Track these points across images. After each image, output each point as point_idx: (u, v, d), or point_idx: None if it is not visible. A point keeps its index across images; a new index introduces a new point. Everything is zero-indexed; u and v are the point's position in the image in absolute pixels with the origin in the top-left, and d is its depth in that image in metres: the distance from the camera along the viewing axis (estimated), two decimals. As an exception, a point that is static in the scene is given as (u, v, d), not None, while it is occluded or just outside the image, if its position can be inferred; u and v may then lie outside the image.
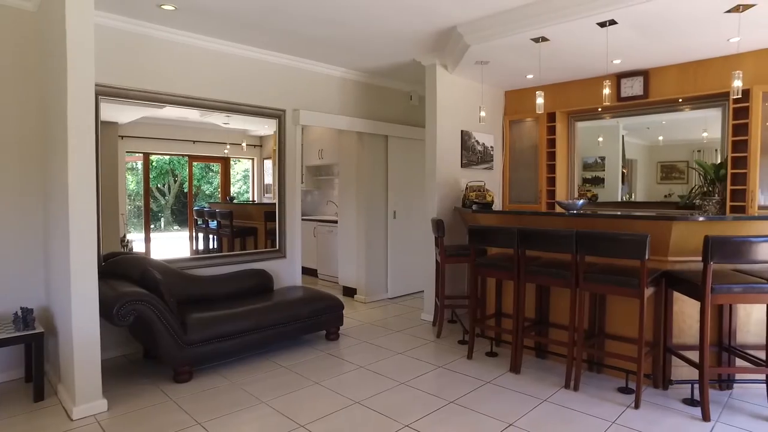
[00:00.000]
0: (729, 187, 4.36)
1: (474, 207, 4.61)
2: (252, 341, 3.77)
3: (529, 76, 5.22)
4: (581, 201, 3.92)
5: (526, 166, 5.79)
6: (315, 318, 4.21)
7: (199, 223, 4.80)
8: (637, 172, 5.71)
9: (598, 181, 5.80)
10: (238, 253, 4.72)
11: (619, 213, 4.28)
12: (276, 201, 4.97)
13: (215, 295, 4.17)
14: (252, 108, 4.68)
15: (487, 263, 3.78)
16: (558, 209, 5.12)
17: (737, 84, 3.32)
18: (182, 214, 4.93)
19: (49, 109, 3.29)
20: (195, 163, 4.98)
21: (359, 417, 2.93)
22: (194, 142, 4.74)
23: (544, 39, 3.98)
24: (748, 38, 3.96)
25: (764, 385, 3.02)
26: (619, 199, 5.63)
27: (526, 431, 2.74)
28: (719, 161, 4.63)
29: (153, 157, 4.67)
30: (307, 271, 7.41)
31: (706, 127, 4.98)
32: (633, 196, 5.67)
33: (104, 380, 3.12)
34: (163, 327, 3.27)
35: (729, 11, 3.39)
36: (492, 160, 5.73)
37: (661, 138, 5.62)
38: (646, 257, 2.89)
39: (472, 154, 5.42)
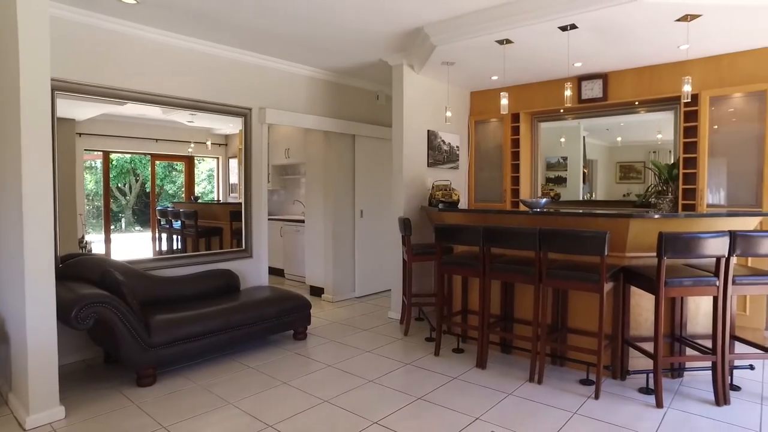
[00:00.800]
0: (681, 187, 4.58)
1: (440, 206, 4.68)
2: (218, 342, 3.72)
3: (494, 78, 5.33)
4: (544, 200, 4.04)
5: (491, 166, 5.91)
6: (282, 318, 4.18)
7: (162, 223, 4.69)
8: (597, 172, 5.90)
9: (561, 181, 5.97)
10: (203, 254, 4.64)
11: (581, 211, 4.43)
12: (242, 200, 4.90)
13: (180, 296, 4.08)
14: (217, 106, 4.60)
15: (453, 261, 3.85)
16: (522, 208, 5.26)
17: (687, 89, 3.49)
18: (144, 214, 4.81)
19: (1, 104, 3.15)
20: (158, 162, 4.86)
21: (328, 416, 2.94)
22: (157, 140, 4.63)
23: (508, 41, 4.07)
24: (696, 46, 4.17)
25: (710, 372, 3.18)
26: (581, 198, 5.81)
27: (493, 424, 2.81)
28: (672, 162, 4.85)
29: (113, 156, 4.53)
30: (274, 271, 7.34)
31: (660, 129, 5.20)
32: (594, 195, 5.85)
33: (62, 387, 3.02)
34: (125, 329, 3.18)
35: (679, 20, 3.57)
36: (458, 160, 5.82)
37: (619, 139, 5.81)
38: (606, 254, 3.00)
39: (438, 154, 5.50)
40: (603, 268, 3.03)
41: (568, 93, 3.81)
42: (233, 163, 5.07)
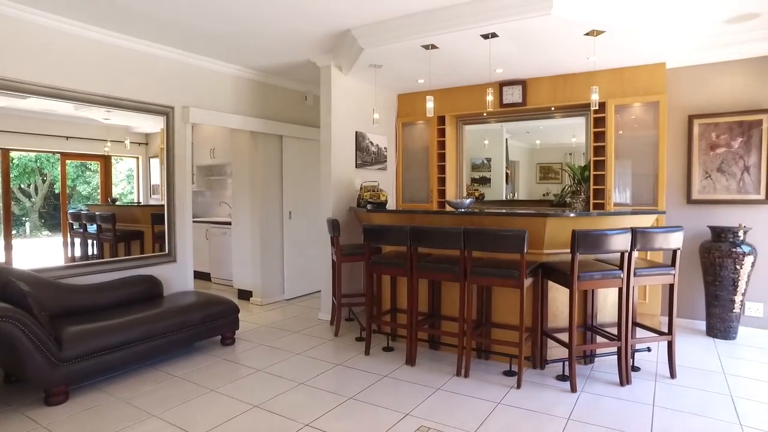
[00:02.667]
0: (592, 187, 4.95)
1: (368, 206, 4.74)
2: (140, 352, 3.54)
3: (421, 81, 5.47)
4: (469, 200, 4.21)
5: (418, 167, 6.06)
6: (209, 323, 4.05)
7: (75, 227, 4.37)
8: (519, 173, 6.22)
9: (485, 181, 6.23)
10: (122, 259, 4.39)
11: (503, 211, 4.66)
12: (164, 202, 4.69)
13: (97, 306, 3.84)
14: (135, 104, 4.37)
15: (381, 261, 3.92)
16: (448, 208, 5.44)
17: (594, 97, 3.79)
18: (54, 217, 4.45)
19: None
20: (69, 161, 4.52)
21: (259, 420, 2.90)
22: (67, 138, 4.30)
23: (433, 46, 4.20)
24: (603, 59, 4.53)
25: (616, 357, 3.48)
26: (504, 198, 6.10)
27: (422, 419, 2.90)
28: (584, 164, 5.22)
29: (14, 154, 4.16)
30: (200, 276, 7.07)
31: (574, 133, 5.58)
32: (516, 195, 6.17)
33: (-41, 408, 2.75)
34: (31, 345, 2.94)
35: (587, 34, 3.86)
36: (386, 161, 5.91)
37: (538, 142, 6.19)
38: (525, 251, 3.19)
39: (366, 155, 5.55)
40: (523, 265, 3.22)
41: (489, 98, 4.00)
42: (155, 163, 4.83)
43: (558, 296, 3.68)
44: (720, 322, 4.39)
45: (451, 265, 3.57)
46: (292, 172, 6.09)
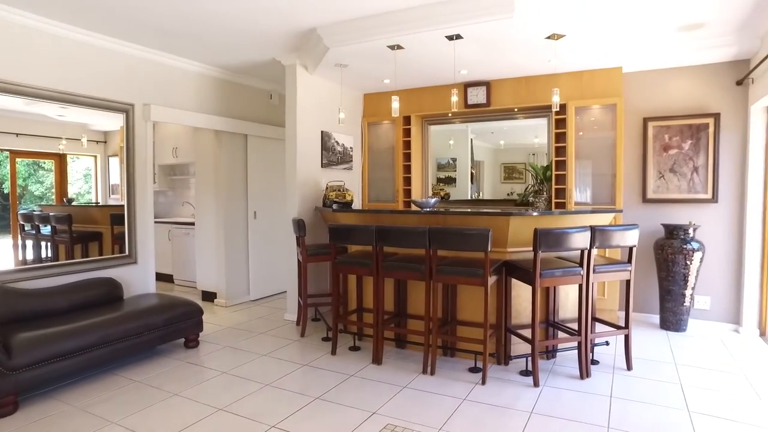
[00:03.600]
0: (554, 186, 5.09)
1: (334, 206, 4.73)
2: (98, 357, 3.42)
3: (386, 81, 5.49)
4: (434, 199, 4.26)
5: (384, 167, 6.08)
6: (171, 326, 3.96)
7: (27, 228, 4.18)
8: (484, 173, 6.32)
9: (451, 181, 6.30)
10: (79, 261, 4.23)
11: (468, 210, 4.73)
12: (124, 202, 4.55)
13: (53, 310, 3.68)
14: (94, 100, 4.22)
15: (347, 261, 3.92)
16: (414, 208, 5.48)
17: (555, 99, 3.90)
18: (3, 218, 4.25)
19: None
20: (19, 159, 4.32)
21: (224, 423, 2.85)
22: (18, 134, 4.12)
23: (399, 47, 4.22)
24: (563, 62, 4.67)
25: (576, 351, 3.59)
26: (469, 197, 6.18)
27: (388, 417, 2.91)
28: (547, 164, 5.36)
29: (-40, 152, 3.95)
30: (162, 277, 6.89)
31: (537, 134, 5.72)
32: (481, 194, 6.26)
33: None
34: (-19, 351, 2.81)
35: (548, 38, 3.97)
36: (352, 161, 5.91)
37: (503, 142, 6.30)
38: (489, 249, 3.25)
39: (332, 155, 5.54)
40: (487, 263, 3.28)
41: (455, 99, 4.06)
42: (114, 162, 4.68)
43: (521, 293, 3.76)
44: (672, 316, 4.59)
45: (416, 264, 3.60)
46: (257, 172, 6.01)
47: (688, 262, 4.43)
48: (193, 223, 6.30)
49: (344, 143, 5.77)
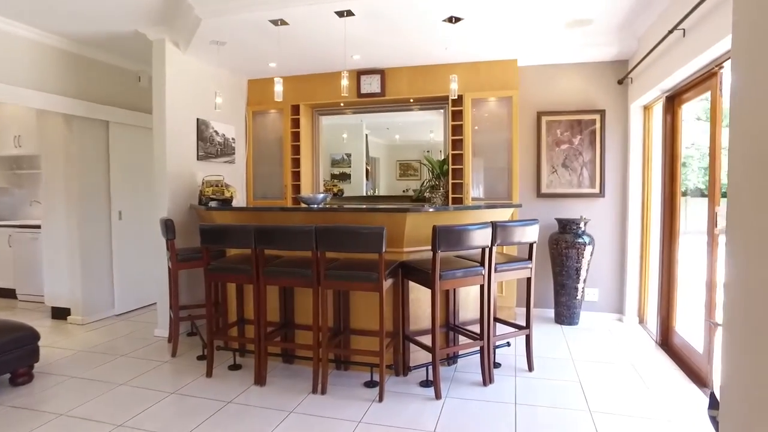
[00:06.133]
0: (450, 181, 4.89)
1: (211, 204, 4.11)
2: None
3: (272, 65, 4.94)
4: (323, 195, 3.82)
5: (272, 160, 5.52)
6: (-10, 359, 3.10)
7: None
8: (380, 170, 6.08)
9: (346, 177, 5.99)
10: None
11: (363, 206, 4.36)
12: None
13: None
14: None
15: (222, 267, 3.34)
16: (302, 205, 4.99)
17: (453, 86, 3.66)
18: None
19: None
20: None
21: (45, 490, 2.17)
22: None
23: (283, 22, 3.73)
24: (461, 50, 4.47)
25: (479, 355, 3.37)
26: (364, 194, 5.87)
27: None
28: (443, 158, 5.16)
29: None
30: (2, 293, 5.73)
31: (432, 129, 5.53)
32: (377, 192, 5.98)
33: None
34: None
35: (445, 20, 3.71)
36: (234, 153, 5.27)
37: (398, 136, 6.12)
38: (383, 250, 2.89)
39: (210, 146, 4.87)
40: (381, 265, 2.91)
41: (345, 82, 3.64)
42: None
43: (420, 296, 3.46)
44: (566, 310, 4.60)
45: (302, 268, 3.14)
46: (122, 165, 5.14)
47: (581, 256, 4.45)
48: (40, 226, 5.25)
49: (225, 133, 5.11)
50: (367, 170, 6.05)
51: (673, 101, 3.92)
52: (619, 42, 4.41)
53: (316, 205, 3.74)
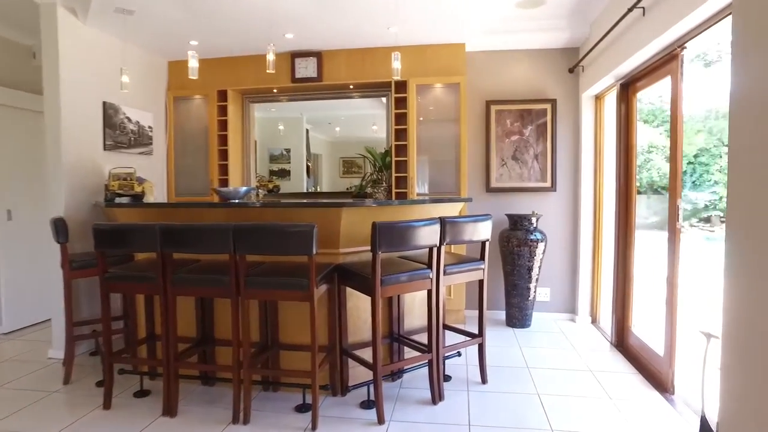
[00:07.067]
0: (394, 175, 4.49)
1: (117, 200, 3.50)
2: None
3: (194, 43, 4.36)
4: (245, 188, 3.30)
5: (197, 152, 4.92)
6: None
7: None
8: (323, 167, 5.77)
9: (285, 174, 5.63)
10: None
11: (293, 202, 3.87)
12: None
13: None
14: None
15: (120, 275, 2.77)
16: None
17: (396, 65, 3.25)
18: None
19: None
20: None
21: None
22: None
23: (197, -13, 3.19)
24: (404, 31, 4.08)
25: (427, 368, 2.99)
26: (305, 191, 5.51)
27: None
28: (386, 149, 4.75)
29: None
30: None
31: (375, 122, 5.15)
32: (319, 189, 5.65)
33: None
34: None
35: (386, -8, 3.30)
36: (151, 143, 4.63)
37: (338, 129, 5.83)
38: (314, 252, 2.43)
39: (121, 134, 4.22)
40: (312, 269, 2.45)
41: (270, 57, 3.14)
42: None
43: (359, 304, 3.02)
44: (518, 311, 4.31)
45: (219, 275, 2.63)
46: (12, 156, 4.38)
47: (533, 254, 4.17)
48: None
49: (140, 121, 4.47)
50: (308, 167, 5.69)
51: (627, 89, 3.70)
52: (570, 27, 4.18)
53: (237, 200, 3.21)
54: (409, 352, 3.19)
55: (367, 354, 2.86)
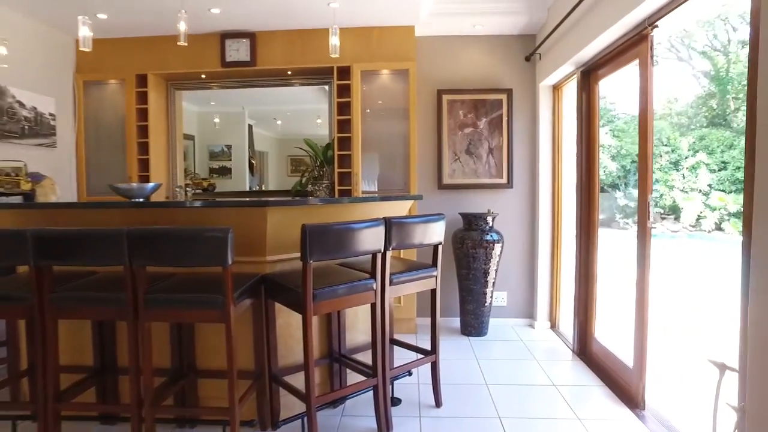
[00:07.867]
0: (337, 170, 4.05)
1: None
2: None
3: (102, 16, 3.75)
4: (152, 185, 2.77)
5: (113, 146, 4.29)
6: None
7: None
8: (269, 165, 5.48)
9: (226, 171, 5.23)
10: None
11: (209, 200, 3.36)
12: None
13: None
14: None
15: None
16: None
17: (335, 42, 2.83)
18: None
19: None
20: None
21: None
22: None
23: (92, -58, 2.63)
24: (348, 11, 3.65)
25: (372, 391, 2.57)
26: (247, 190, 5.12)
27: None
28: (327, 142, 4.31)
29: None
30: None
31: (319, 115, 4.76)
32: (264, 187, 5.31)
33: None
34: None
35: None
36: (54, 134, 3.97)
37: (279, 123, 5.52)
38: (231, 261, 1.96)
39: (10, 122, 3.56)
40: (228, 283, 1.97)
41: (182, 27, 2.62)
42: None
43: (291, 320, 2.56)
44: (474, 319, 3.97)
45: (114, 292, 2.10)
46: None
47: (489, 257, 3.84)
48: None
49: (38, 107, 3.82)
50: (252, 164, 5.30)
51: (589, 77, 3.43)
52: (528, 11, 3.88)
53: (140, 199, 2.68)
54: (352, 375, 2.76)
55: (301, 379, 2.39)
